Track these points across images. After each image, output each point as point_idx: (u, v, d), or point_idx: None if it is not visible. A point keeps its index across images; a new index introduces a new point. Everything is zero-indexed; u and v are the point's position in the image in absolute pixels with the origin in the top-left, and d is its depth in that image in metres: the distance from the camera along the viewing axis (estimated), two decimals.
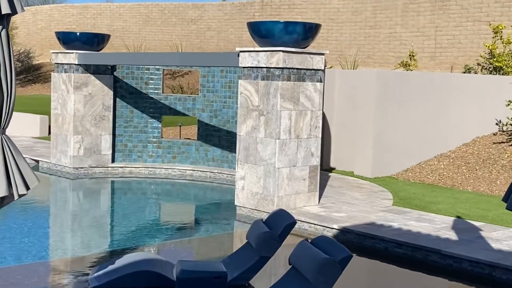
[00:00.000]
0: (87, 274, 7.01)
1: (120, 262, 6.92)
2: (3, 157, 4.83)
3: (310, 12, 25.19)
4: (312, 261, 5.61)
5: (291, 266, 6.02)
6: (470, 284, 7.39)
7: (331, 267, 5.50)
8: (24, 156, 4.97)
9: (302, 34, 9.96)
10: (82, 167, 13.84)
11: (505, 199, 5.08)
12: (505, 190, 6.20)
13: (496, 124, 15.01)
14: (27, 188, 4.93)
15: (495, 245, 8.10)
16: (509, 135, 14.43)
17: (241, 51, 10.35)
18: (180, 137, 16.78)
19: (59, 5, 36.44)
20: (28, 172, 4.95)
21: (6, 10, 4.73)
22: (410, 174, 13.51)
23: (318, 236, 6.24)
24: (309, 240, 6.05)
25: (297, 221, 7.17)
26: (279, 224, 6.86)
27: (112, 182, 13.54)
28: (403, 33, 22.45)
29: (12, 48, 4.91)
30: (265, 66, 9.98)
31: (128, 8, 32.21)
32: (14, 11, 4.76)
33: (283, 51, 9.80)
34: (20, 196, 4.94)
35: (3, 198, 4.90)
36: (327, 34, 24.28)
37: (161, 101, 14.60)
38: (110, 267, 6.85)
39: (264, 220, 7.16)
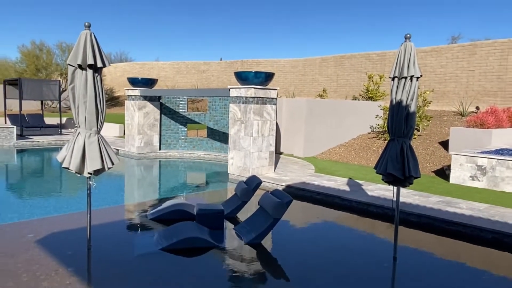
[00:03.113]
0: (146, 211, 6.98)
1: (165, 204, 6.90)
2: (99, 147, 4.78)
3: (268, 66, 25.19)
4: (271, 203, 5.66)
5: (259, 206, 6.06)
6: (356, 214, 7.46)
7: (281, 206, 5.55)
8: (111, 146, 4.92)
9: (264, 78, 9.98)
10: (142, 153, 13.70)
11: (375, 167, 5.17)
12: (375, 163, 6.34)
13: (370, 127, 15.25)
14: (113, 163, 4.89)
15: (370, 193, 8.25)
16: (377, 134, 14.65)
17: (230, 88, 10.33)
18: (197, 136, 16.67)
19: (129, 62, 35.85)
20: (113, 155, 4.90)
21: (100, 64, 4.69)
22: (323, 155, 13.65)
23: (274, 189, 6.28)
24: (269, 192, 6.10)
25: (262, 181, 7.22)
26: (253, 183, 6.90)
27: (159, 161, 13.42)
28: (319, 78, 22.61)
29: (103, 86, 4.86)
30: (244, 96, 9.97)
31: (167, 64, 31.91)
32: (104, 65, 4.72)
33: (254, 88, 9.81)
34: (108, 168, 4.90)
35: (99, 169, 4.86)
36: (278, 79, 24.31)
37: (186, 116, 14.49)
38: (159, 207, 6.83)
39: (244, 181, 7.19)
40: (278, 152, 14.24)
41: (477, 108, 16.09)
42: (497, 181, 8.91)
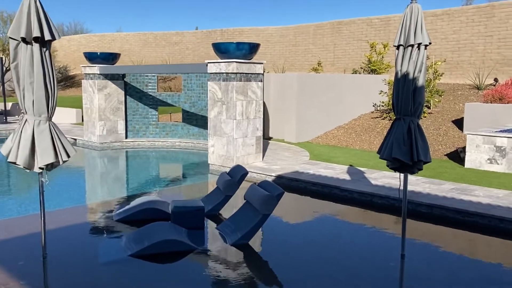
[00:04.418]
0: (112, 211, 6.94)
1: (133, 203, 6.87)
2: (51, 136, 4.71)
3: (253, 36, 25.00)
4: (259, 197, 5.68)
5: (245, 200, 6.08)
6: (358, 207, 7.56)
7: (271, 200, 5.57)
8: (65, 135, 4.85)
9: (248, 50, 9.91)
10: (105, 142, 13.60)
11: (379, 152, 5.22)
12: (378, 147, 6.41)
13: (373, 106, 15.35)
14: (68, 156, 4.83)
15: (374, 182, 8.35)
16: (381, 113, 14.77)
17: (208, 63, 10.24)
18: (170, 120, 16.55)
19: (85, 34, 35.21)
20: (68, 145, 4.84)
21: (48, 37, 4.59)
22: (319, 139, 13.73)
23: (262, 180, 6.30)
24: (257, 183, 6.11)
25: (248, 172, 7.23)
26: (237, 174, 6.91)
27: (126, 151, 13.32)
28: (313, 49, 22.56)
29: (53, 63, 4.76)
30: (224, 72, 9.91)
31: (132, 35, 31.44)
32: (53, 38, 4.62)
33: (236, 62, 9.74)
34: (64, 161, 4.84)
35: (52, 163, 4.79)
36: (265, 50, 24.17)
37: (157, 97, 14.36)
38: (127, 207, 6.81)
39: (227, 172, 7.20)
40: (266, 138, 14.25)
41: (496, 80, 16.32)
42: None
